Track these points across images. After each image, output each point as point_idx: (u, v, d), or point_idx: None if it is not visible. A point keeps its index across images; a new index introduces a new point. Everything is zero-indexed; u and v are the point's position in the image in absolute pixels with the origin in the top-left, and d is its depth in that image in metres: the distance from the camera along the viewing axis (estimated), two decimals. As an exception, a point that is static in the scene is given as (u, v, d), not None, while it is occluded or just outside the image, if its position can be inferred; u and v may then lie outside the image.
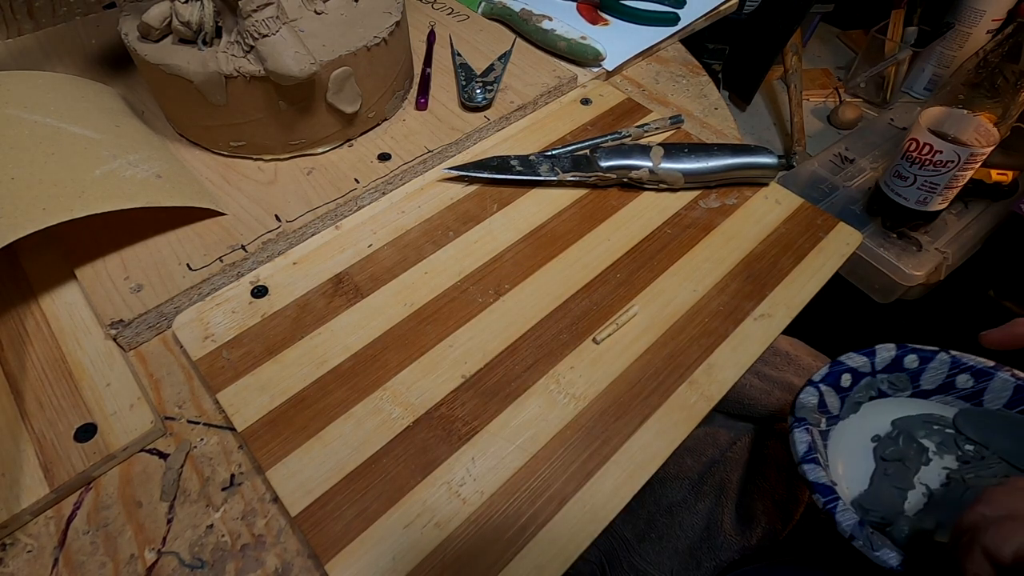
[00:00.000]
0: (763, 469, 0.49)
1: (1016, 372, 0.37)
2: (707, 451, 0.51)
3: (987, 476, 0.36)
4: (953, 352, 0.39)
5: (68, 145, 0.36)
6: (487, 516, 0.28)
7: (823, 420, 0.38)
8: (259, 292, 0.36)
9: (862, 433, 0.39)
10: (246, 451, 0.31)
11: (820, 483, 0.34)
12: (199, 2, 0.38)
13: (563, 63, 0.53)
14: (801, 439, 0.36)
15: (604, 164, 0.42)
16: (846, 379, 0.39)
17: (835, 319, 0.76)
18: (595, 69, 0.53)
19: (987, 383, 0.38)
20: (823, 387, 0.38)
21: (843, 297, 0.86)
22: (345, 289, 0.37)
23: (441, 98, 0.48)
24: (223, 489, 0.30)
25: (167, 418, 0.32)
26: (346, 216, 0.41)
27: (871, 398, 0.40)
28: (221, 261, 0.36)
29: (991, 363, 0.37)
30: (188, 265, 0.36)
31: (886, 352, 0.39)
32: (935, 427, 0.38)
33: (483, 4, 0.58)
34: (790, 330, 0.37)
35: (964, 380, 0.38)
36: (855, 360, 0.39)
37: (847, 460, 0.37)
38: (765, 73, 0.95)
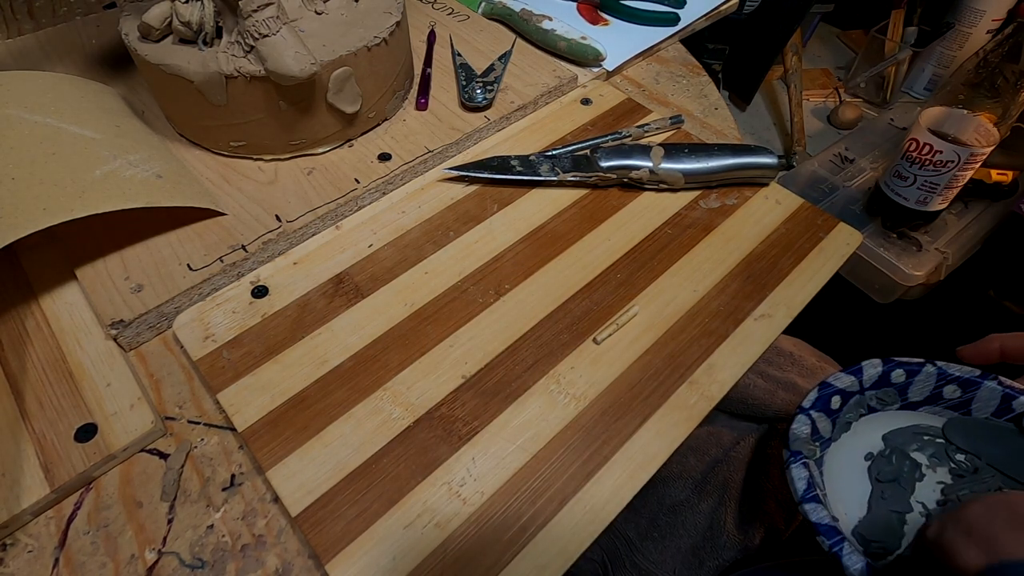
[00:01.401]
0: (766, 469, 0.49)
1: (1003, 380, 0.37)
2: (710, 451, 0.51)
3: (982, 492, 0.35)
4: (939, 363, 0.38)
5: (68, 145, 0.36)
6: (488, 516, 0.28)
7: (817, 448, 0.37)
8: (259, 292, 0.36)
9: (855, 452, 0.38)
10: (246, 451, 0.31)
11: (823, 524, 0.33)
12: (199, 2, 0.38)
13: (563, 63, 0.53)
14: (799, 476, 0.35)
15: (604, 164, 0.42)
16: (836, 401, 0.38)
17: (835, 319, 0.76)
18: (595, 69, 0.53)
19: (974, 392, 0.37)
20: (814, 414, 0.38)
21: (843, 297, 0.86)
22: (345, 289, 0.37)
23: (441, 98, 0.48)
24: (223, 489, 0.30)
25: (167, 418, 0.32)
26: (346, 216, 0.41)
27: (861, 415, 0.40)
28: (221, 261, 0.36)
29: (977, 372, 0.37)
30: (188, 265, 0.36)
31: (872, 369, 0.39)
32: (926, 438, 0.38)
33: (483, 4, 0.58)
34: (791, 330, 0.37)
35: (951, 391, 0.38)
36: (843, 380, 0.39)
37: (843, 485, 0.37)
38: (765, 73, 0.95)
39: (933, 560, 0.28)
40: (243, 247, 0.37)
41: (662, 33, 0.58)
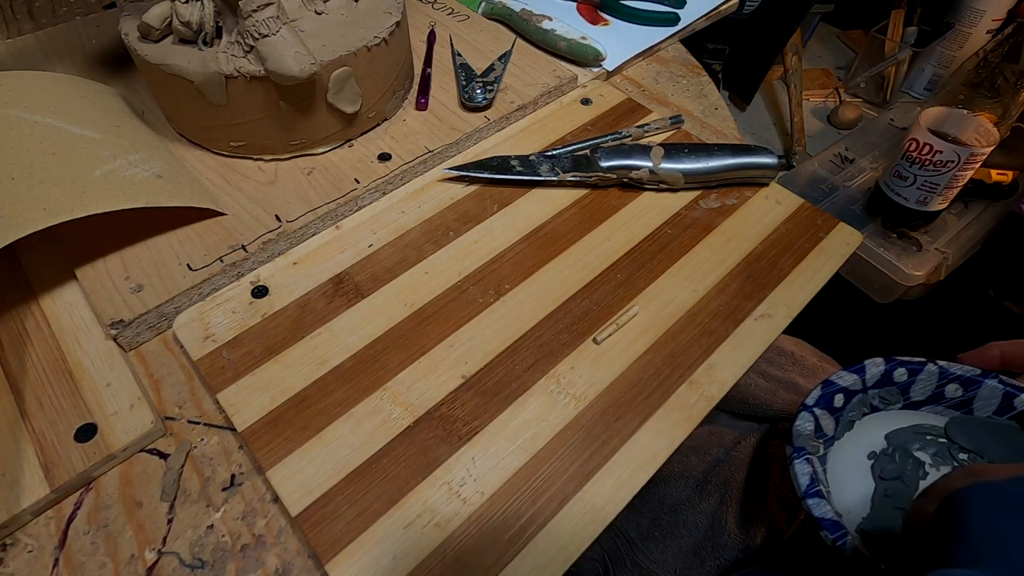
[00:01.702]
0: (768, 469, 0.49)
1: (1004, 379, 0.37)
2: (712, 450, 0.51)
3: None
4: (941, 362, 0.39)
5: (68, 145, 0.36)
6: (487, 516, 0.28)
7: (820, 445, 0.37)
8: (259, 292, 0.36)
9: (858, 451, 0.38)
10: (246, 451, 0.31)
11: (827, 519, 0.33)
12: (199, 2, 0.38)
13: (563, 63, 0.53)
14: (802, 471, 0.35)
15: (604, 164, 0.42)
16: (839, 399, 0.38)
17: (835, 319, 0.76)
18: (595, 69, 0.53)
19: (976, 391, 0.37)
20: (817, 411, 0.38)
21: (843, 297, 0.86)
22: (345, 289, 0.37)
23: (441, 98, 0.48)
24: (223, 489, 0.30)
25: (167, 418, 0.32)
26: (346, 216, 0.41)
27: (863, 415, 0.40)
28: (221, 261, 0.36)
29: (978, 371, 0.37)
30: (188, 265, 0.36)
31: (875, 367, 0.39)
32: (928, 437, 0.38)
33: (483, 4, 0.58)
34: (790, 330, 0.37)
35: (953, 389, 0.38)
36: (846, 379, 0.39)
37: (847, 482, 0.37)
38: (765, 73, 0.95)
39: (908, 533, 0.29)
40: (243, 247, 0.37)
41: (662, 33, 0.58)
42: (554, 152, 0.45)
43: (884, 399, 0.39)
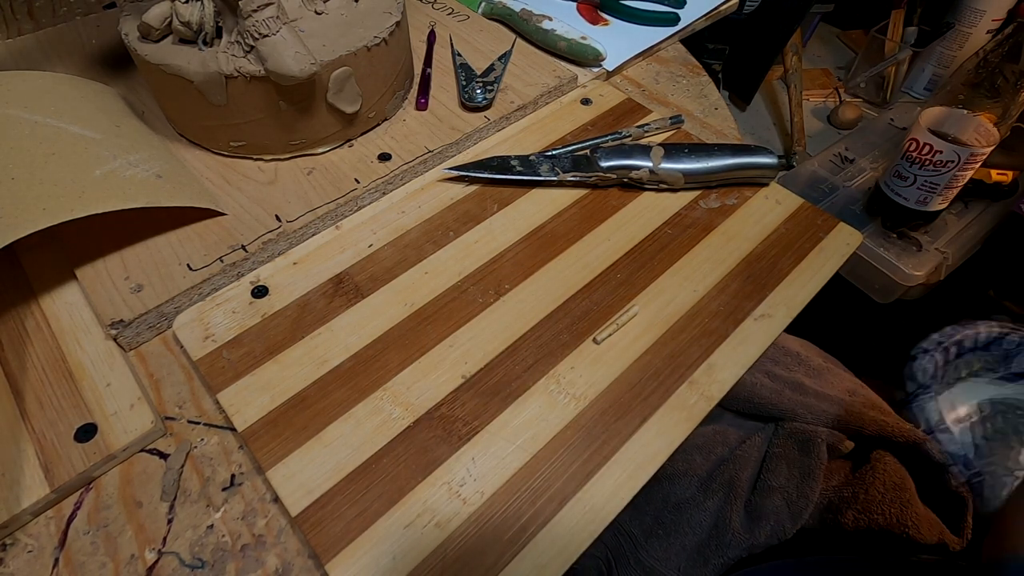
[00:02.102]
0: (772, 468, 0.49)
1: None
2: (716, 449, 0.51)
3: None
4: None
5: (68, 145, 0.36)
6: (488, 516, 0.28)
7: (934, 386, 0.37)
8: (259, 292, 0.36)
9: (958, 410, 0.38)
10: (246, 451, 0.31)
11: (961, 454, 0.33)
12: (199, 2, 0.38)
13: (563, 63, 0.53)
14: (931, 408, 0.35)
15: (604, 164, 0.42)
16: (952, 351, 0.38)
17: (835, 319, 0.76)
18: (595, 69, 0.53)
19: None
20: (937, 355, 0.38)
21: (843, 297, 0.86)
22: (345, 289, 0.37)
23: (441, 98, 0.48)
24: (223, 489, 0.30)
25: (167, 418, 0.32)
26: (346, 216, 0.41)
27: (966, 374, 0.40)
28: (221, 261, 0.36)
29: None
30: (188, 265, 0.36)
31: (989, 328, 0.39)
32: (1019, 411, 0.38)
33: (483, 4, 0.58)
34: (791, 330, 0.37)
35: None
36: (961, 333, 0.39)
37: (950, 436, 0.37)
38: (765, 73, 0.95)
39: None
40: (243, 247, 0.37)
41: (662, 33, 0.58)
42: (554, 152, 0.45)
43: (988, 364, 0.39)
